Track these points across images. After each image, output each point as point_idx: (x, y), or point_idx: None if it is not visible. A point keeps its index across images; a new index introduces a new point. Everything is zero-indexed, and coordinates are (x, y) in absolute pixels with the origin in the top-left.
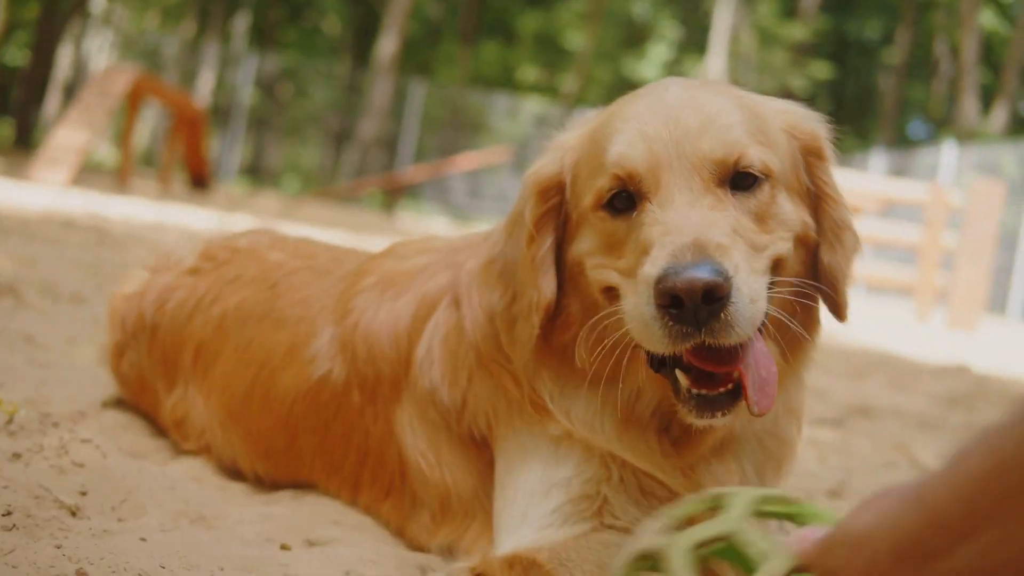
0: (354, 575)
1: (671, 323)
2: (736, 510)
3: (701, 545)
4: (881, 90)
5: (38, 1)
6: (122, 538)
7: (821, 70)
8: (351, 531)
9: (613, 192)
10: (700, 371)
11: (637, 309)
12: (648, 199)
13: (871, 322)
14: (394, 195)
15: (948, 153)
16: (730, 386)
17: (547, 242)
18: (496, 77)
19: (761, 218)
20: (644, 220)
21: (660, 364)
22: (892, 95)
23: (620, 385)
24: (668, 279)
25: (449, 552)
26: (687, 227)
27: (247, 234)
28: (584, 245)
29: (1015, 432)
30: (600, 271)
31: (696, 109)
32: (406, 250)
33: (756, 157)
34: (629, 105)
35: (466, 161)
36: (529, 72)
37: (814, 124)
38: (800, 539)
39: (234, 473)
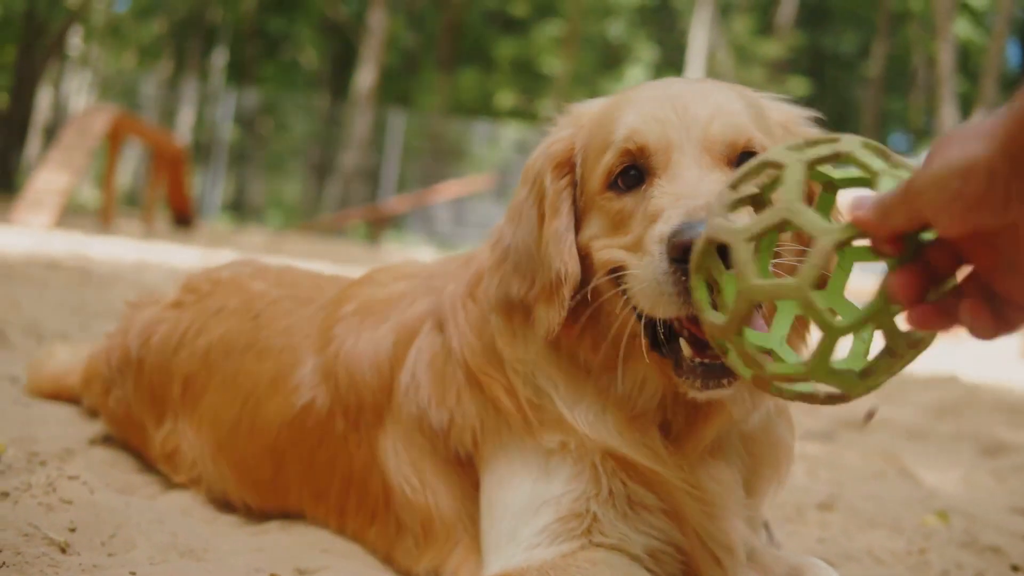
0: None
1: (683, 278)
2: (790, 185)
3: (761, 234)
4: (860, 103)
5: (14, 44)
6: (111, 572)
7: (799, 86)
8: (340, 559)
9: (622, 168)
10: (702, 341)
11: (648, 269)
12: (657, 175)
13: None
14: (378, 226)
15: None
16: None
17: (565, 218)
18: (475, 104)
19: None
20: (653, 193)
21: (659, 345)
22: (871, 108)
23: (621, 377)
24: (683, 232)
25: (435, 575)
26: (698, 193)
27: (229, 265)
28: (591, 230)
29: None
30: (606, 251)
31: (704, 98)
32: (384, 276)
33: (760, 143)
34: (636, 92)
35: (449, 190)
36: (507, 98)
37: (806, 123)
38: (856, 205)
39: (224, 505)
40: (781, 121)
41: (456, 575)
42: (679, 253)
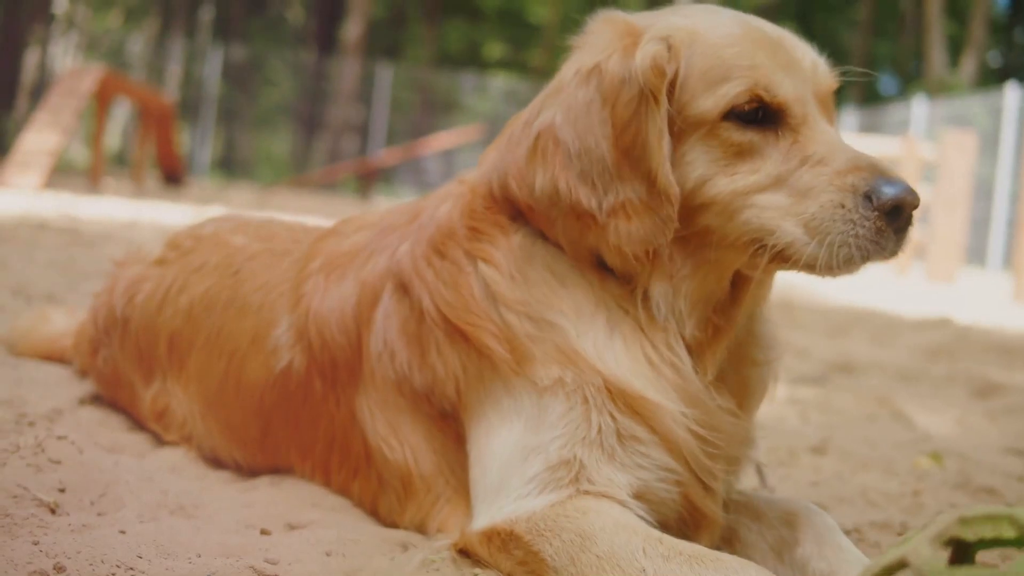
0: (335, 555)
1: (885, 228)
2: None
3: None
4: (848, 47)
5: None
6: (101, 531)
7: (787, 30)
8: (330, 513)
9: (748, 105)
10: None
11: (841, 213)
12: (792, 126)
13: (850, 279)
14: (368, 180)
15: (918, 107)
16: None
17: (668, 138)
18: (463, 55)
19: None
20: (800, 140)
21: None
22: (860, 52)
23: (673, 297)
24: (893, 190)
25: (420, 531)
26: (855, 149)
27: (211, 221)
28: (699, 154)
29: None
30: (735, 178)
31: (799, 45)
32: (347, 227)
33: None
34: (725, 26)
35: (438, 141)
36: (496, 48)
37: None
38: None
39: (214, 462)
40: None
41: (442, 529)
42: (888, 208)
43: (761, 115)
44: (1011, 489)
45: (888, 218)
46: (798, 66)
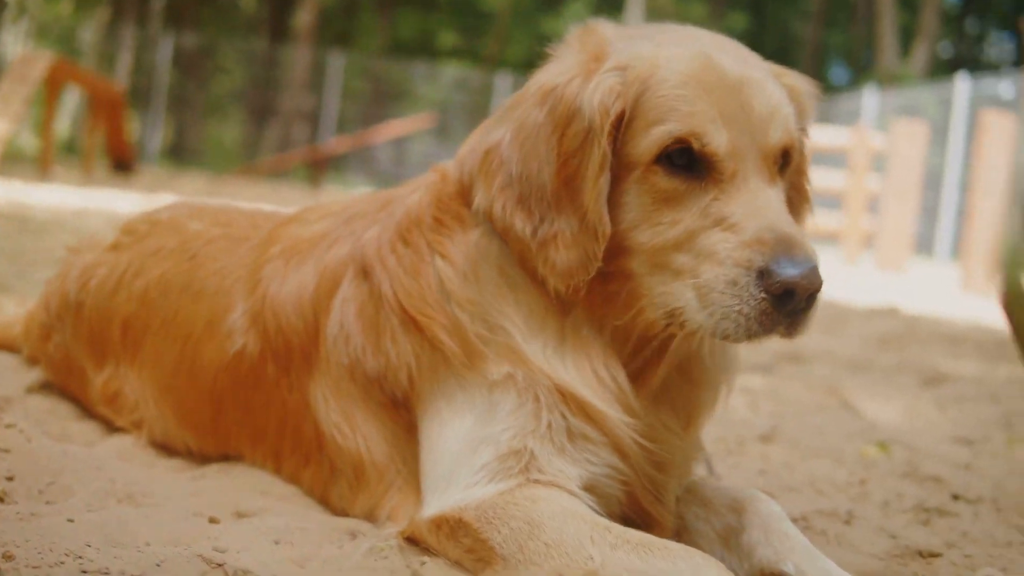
0: (284, 544)
1: (772, 310)
2: None
3: None
4: (800, 38)
5: None
6: (49, 520)
7: (739, 21)
8: (279, 501)
9: (678, 149)
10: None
11: (730, 289)
12: (720, 178)
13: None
14: (318, 168)
15: (869, 97)
16: None
17: (607, 176)
18: (415, 44)
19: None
20: (722, 196)
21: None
22: (811, 42)
23: (601, 330)
24: (786, 272)
25: (370, 519)
26: (772, 217)
27: (168, 207)
28: (632, 197)
29: None
30: (657, 236)
31: (760, 91)
32: (311, 214)
33: (797, 147)
34: (691, 60)
35: (389, 130)
36: (448, 37)
37: (810, 94)
38: None
39: (165, 448)
40: (792, 95)
41: (392, 518)
42: (778, 290)
43: (692, 161)
44: (958, 477)
45: (777, 300)
46: (743, 117)
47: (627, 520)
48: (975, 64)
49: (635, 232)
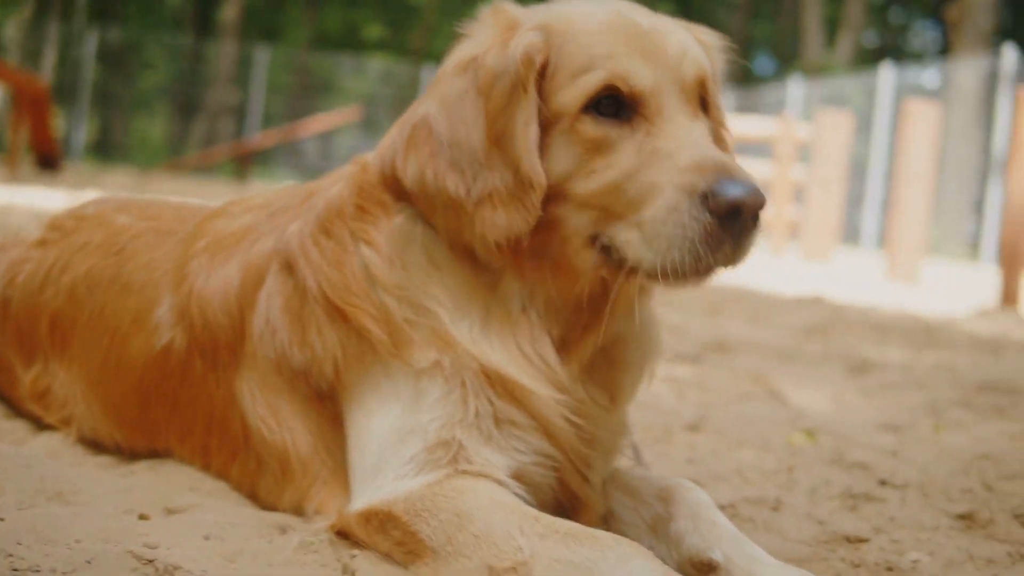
0: (214, 539)
1: (719, 232)
2: None
3: None
4: (726, 29)
5: None
6: None
7: (664, 10)
8: (208, 497)
9: (606, 95)
10: None
11: (674, 216)
12: (648, 117)
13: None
14: (245, 162)
15: (795, 88)
16: None
17: (535, 129)
18: (341, 37)
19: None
20: (653, 131)
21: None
22: (737, 33)
23: (534, 294)
24: (730, 190)
25: (297, 513)
26: (706, 145)
27: (94, 202)
28: (561, 148)
29: None
30: (593, 177)
31: (669, 34)
32: (236, 208)
33: (712, 85)
34: (606, 16)
35: (316, 123)
36: (374, 30)
37: (720, 48)
38: None
39: (95, 445)
40: (708, 47)
41: (320, 511)
42: (724, 210)
43: (618, 108)
44: (884, 464)
45: (724, 222)
46: (661, 54)
47: (557, 504)
48: (899, 53)
49: (570, 183)
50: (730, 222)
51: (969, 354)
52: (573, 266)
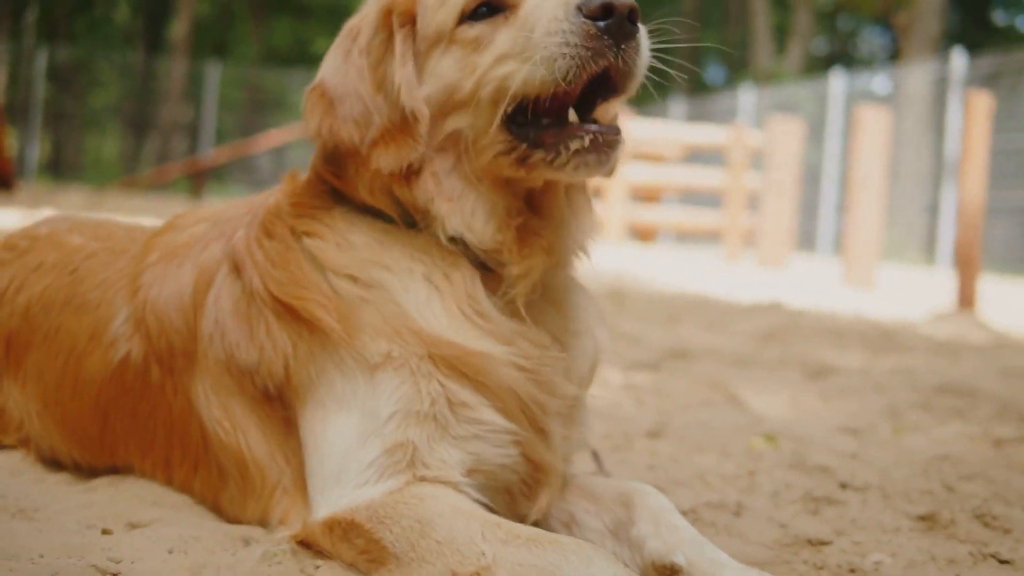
0: (178, 552)
1: (599, 35)
2: None
3: None
4: (676, 38)
5: None
6: None
7: None
8: (171, 511)
9: (476, 5)
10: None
11: (553, 25)
12: (512, 4)
13: (682, 268)
14: (199, 179)
15: (746, 96)
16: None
17: (411, 65)
18: (291, 52)
19: None
20: (524, 5)
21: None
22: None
23: (461, 210)
24: None
25: (262, 524)
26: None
27: (47, 221)
28: (444, 63)
29: None
30: (480, 61)
31: None
32: (184, 221)
33: None
34: None
35: (269, 139)
36: (324, 44)
37: None
38: None
39: (54, 464)
40: None
41: (284, 522)
42: (597, 12)
43: (492, 11)
44: (845, 467)
45: (601, 23)
46: None
47: (523, 484)
48: (849, 60)
49: (459, 90)
50: (610, 27)
51: (927, 357)
52: (490, 169)
